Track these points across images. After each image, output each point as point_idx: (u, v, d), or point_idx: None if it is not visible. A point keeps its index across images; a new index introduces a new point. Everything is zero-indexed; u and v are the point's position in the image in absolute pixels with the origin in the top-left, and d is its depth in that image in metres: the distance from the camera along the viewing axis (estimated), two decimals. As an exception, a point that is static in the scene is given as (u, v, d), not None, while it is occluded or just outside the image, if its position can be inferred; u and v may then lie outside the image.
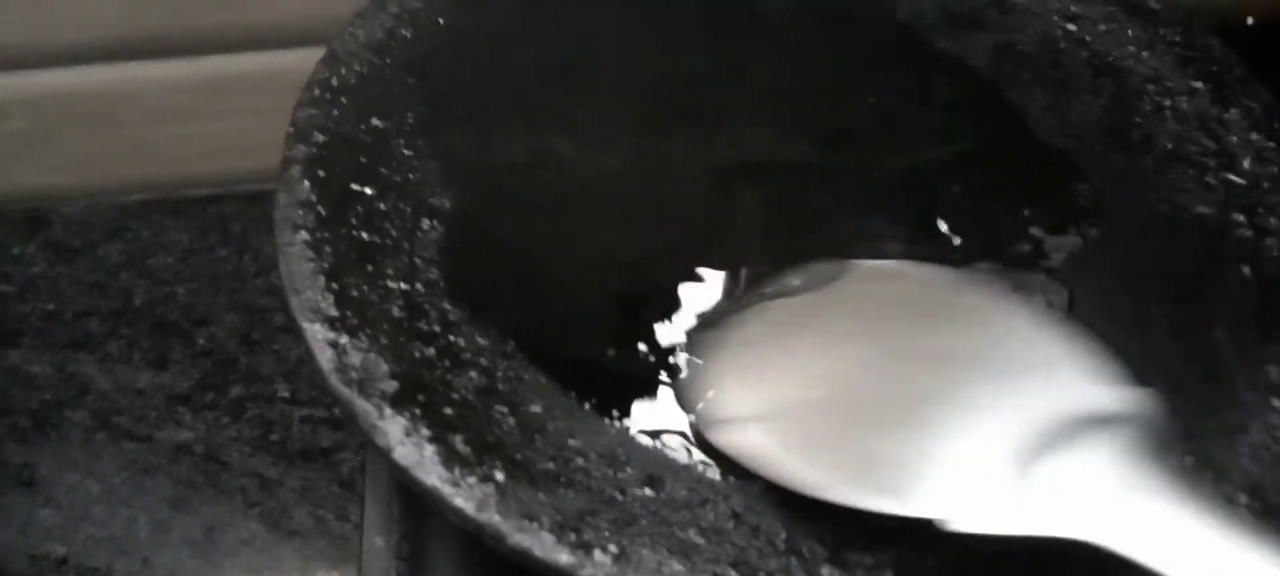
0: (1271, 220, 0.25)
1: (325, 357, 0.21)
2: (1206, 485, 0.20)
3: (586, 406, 0.22)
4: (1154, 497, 0.18)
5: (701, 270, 0.27)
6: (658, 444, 0.22)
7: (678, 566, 0.19)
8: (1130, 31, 0.29)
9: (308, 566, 0.34)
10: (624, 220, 0.28)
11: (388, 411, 0.20)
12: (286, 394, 0.38)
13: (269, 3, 0.39)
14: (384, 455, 0.20)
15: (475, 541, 0.19)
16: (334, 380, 0.21)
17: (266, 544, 0.35)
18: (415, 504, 0.27)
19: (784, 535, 0.20)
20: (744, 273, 0.28)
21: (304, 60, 0.40)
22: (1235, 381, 0.22)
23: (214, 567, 0.34)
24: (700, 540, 0.19)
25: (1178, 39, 0.29)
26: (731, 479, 0.21)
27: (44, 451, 0.37)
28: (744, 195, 0.31)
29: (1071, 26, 0.29)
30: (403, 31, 0.27)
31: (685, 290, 0.27)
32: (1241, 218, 0.25)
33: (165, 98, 0.41)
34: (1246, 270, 0.24)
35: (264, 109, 0.41)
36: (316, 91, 0.26)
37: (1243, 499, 0.19)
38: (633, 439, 0.21)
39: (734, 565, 0.19)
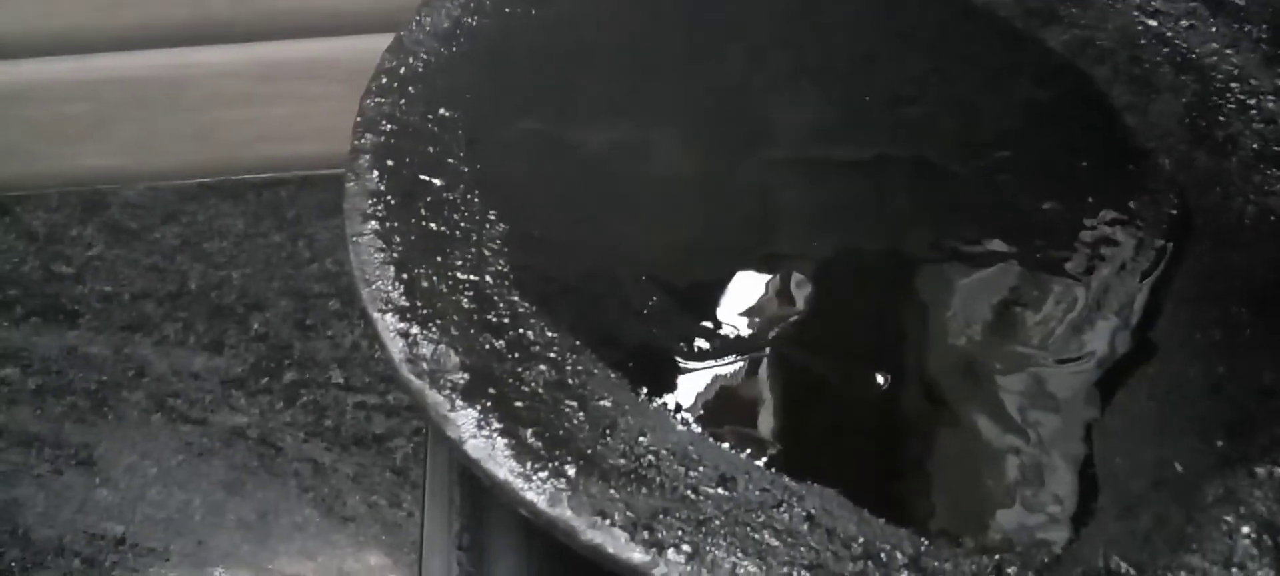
0: (1362, 224, 0.24)
1: (397, 348, 0.21)
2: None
3: (656, 403, 0.22)
4: None
5: (758, 266, 0.27)
6: (727, 444, 0.21)
7: (752, 568, 0.18)
8: (1214, 28, 0.28)
9: (361, 552, 0.34)
10: (684, 214, 0.28)
11: (459, 403, 0.20)
12: (340, 380, 0.38)
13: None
14: (455, 447, 0.20)
15: (535, 531, 0.19)
16: (405, 370, 0.20)
17: (320, 529, 0.35)
18: (475, 493, 0.27)
19: (861, 539, 0.19)
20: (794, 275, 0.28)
21: (361, 47, 0.40)
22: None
23: (268, 551, 0.34)
24: (775, 542, 0.19)
25: (1264, 36, 0.28)
26: (806, 481, 0.20)
27: (102, 432, 0.37)
28: (804, 188, 0.30)
29: (1152, 22, 0.28)
30: (469, 20, 0.27)
31: (741, 286, 0.26)
32: (1332, 221, 0.24)
33: (224, 83, 0.41)
34: (1337, 275, 0.23)
35: (320, 95, 0.42)
36: (384, 81, 0.25)
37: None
38: (703, 437, 0.21)
39: (810, 568, 0.19)
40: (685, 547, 0.19)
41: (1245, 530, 0.19)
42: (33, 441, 0.37)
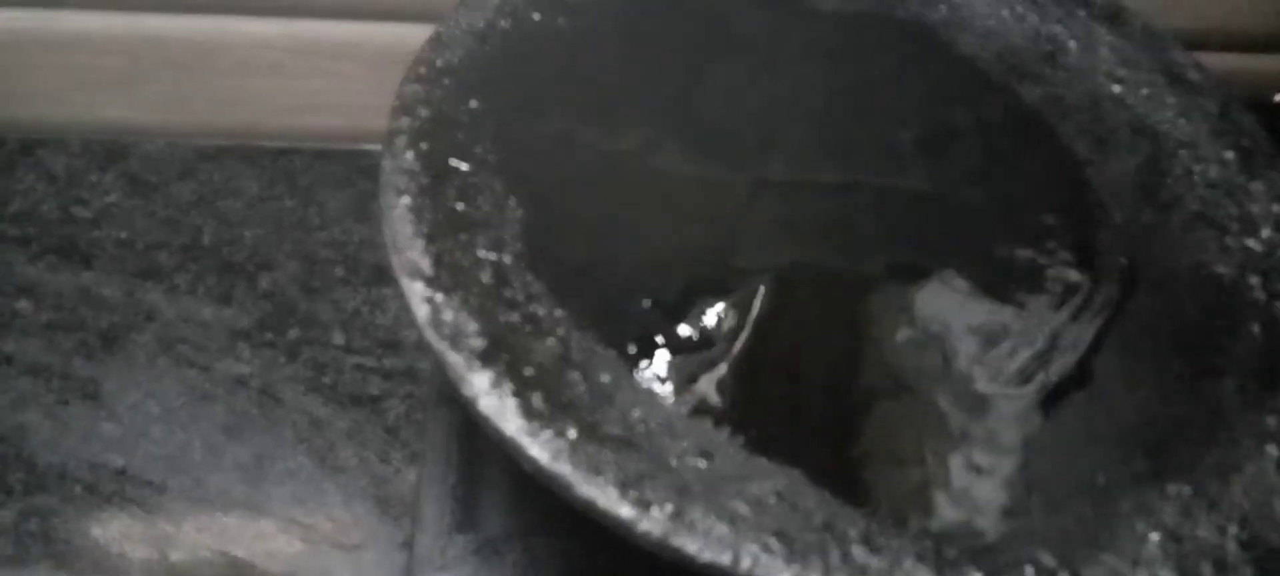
0: (1282, 286, 0.27)
1: (422, 312, 0.23)
2: (1201, 514, 0.22)
3: (648, 383, 0.24)
4: None
5: (743, 271, 0.29)
6: (708, 423, 0.24)
7: (724, 529, 0.21)
8: (1170, 99, 0.31)
9: (350, 502, 0.37)
10: (681, 219, 0.31)
11: (476, 365, 0.23)
12: (341, 342, 0.41)
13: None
14: (469, 404, 0.22)
15: (524, 489, 0.21)
16: (429, 332, 0.23)
17: (312, 477, 0.37)
18: (470, 453, 0.30)
19: (820, 514, 0.22)
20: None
21: (388, 33, 0.43)
22: (1236, 426, 0.24)
23: (262, 494, 0.37)
24: (746, 510, 0.22)
25: (1213, 110, 0.31)
26: (777, 462, 0.23)
27: (109, 369, 0.39)
28: (787, 205, 0.33)
29: (1116, 88, 0.31)
30: (502, 22, 0.30)
31: (726, 289, 0.29)
32: (1256, 280, 0.27)
33: (255, 52, 0.43)
34: (1257, 328, 0.26)
35: (345, 73, 0.44)
36: (422, 70, 0.28)
37: (1233, 529, 0.22)
38: (688, 416, 0.24)
39: (775, 535, 0.21)
40: (667, 508, 0.21)
41: (1154, 536, 0.22)
42: (42, 371, 0.39)
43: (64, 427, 0.38)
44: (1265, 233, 0.28)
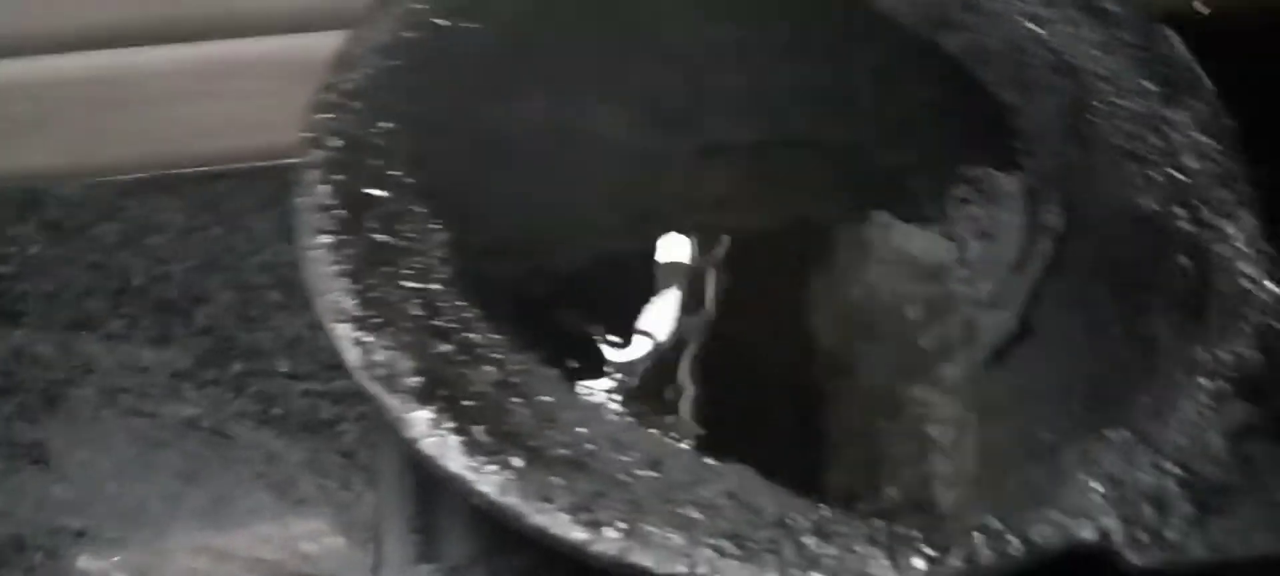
0: (1206, 212, 0.27)
1: (352, 355, 0.23)
2: (1141, 457, 0.22)
3: (592, 396, 0.24)
4: None
5: (676, 259, 0.29)
6: (656, 431, 0.24)
7: (679, 539, 0.21)
8: (1089, 33, 0.31)
9: (315, 534, 0.36)
10: (610, 217, 0.30)
11: (413, 404, 0.22)
12: (286, 369, 0.40)
13: (264, -9, 0.40)
14: (411, 445, 0.22)
15: (482, 511, 0.21)
16: (362, 377, 0.22)
17: (274, 512, 0.37)
18: (426, 477, 0.29)
19: (772, 509, 0.22)
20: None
21: (298, 44, 0.41)
22: (1169, 362, 0.24)
23: (225, 537, 0.36)
24: (699, 515, 0.22)
25: (1133, 40, 0.31)
26: (726, 461, 0.23)
27: (54, 429, 0.38)
28: (720, 178, 0.33)
29: (1036, 28, 0.31)
30: (407, 33, 0.29)
31: (663, 281, 0.28)
32: (1182, 211, 0.27)
33: (162, 82, 0.42)
34: (1184, 259, 0.26)
35: (258, 92, 0.42)
36: (330, 95, 0.27)
37: (1170, 468, 0.22)
38: (635, 426, 0.24)
39: (729, 537, 0.21)
40: (620, 525, 0.21)
41: (1096, 486, 0.22)
42: (-16, 441, 0.38)
43: (16, 496, 0.37)
44: (1188, 161, 0.28)
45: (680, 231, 0.30)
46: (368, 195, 0.26)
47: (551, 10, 0.30)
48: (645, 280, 0.29)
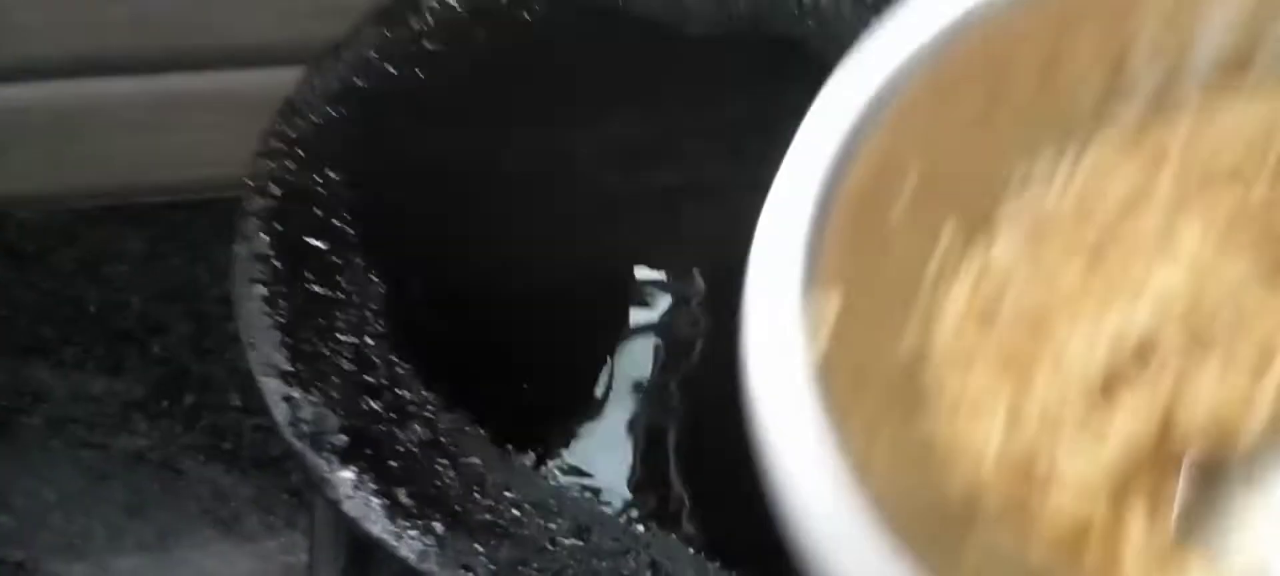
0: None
1: (280, 411, 0.23)
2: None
3: (520, 459, 0.24)
4: None
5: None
6: (587, 495, 0.24)
7: (600, 612, 0.21)
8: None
9: (261, 571, 0.36)
10: (547, 274, 0.30)
11: (337, 464, 0.22)
12: (238, 403, 0.40)
13: (225, 28, 0.40)
14: (335, 505, 0.22)
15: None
16: (288, 433, 0.22)
17: (219, 549, 0.36)
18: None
19: (696, 582, 0.22)
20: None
21: (259, 79, 0.41)
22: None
23: (168, 573, 0.36)
24: (620, 587, 0.21)
25: None
26: (652, 528, 0.23)
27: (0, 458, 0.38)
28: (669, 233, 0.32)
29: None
30: (356, 81, 0.29)
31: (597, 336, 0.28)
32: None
33: (123, 112, 0.41)
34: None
35: (218, 124, 0.42)
36: (275, 143, 0.27)
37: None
38: (564, 491, 0.23)
39: (650, 610, 0.21)
40: (540, 596, 0.21)
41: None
42: (-72, 469, 0.37)
43: (-44, 526, 0.36)
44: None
45: (626, 290, 0.30)
46: (306, 245, 0.25)
47: (502, 63, 0.30)
48: (587, 340, 0.29)
